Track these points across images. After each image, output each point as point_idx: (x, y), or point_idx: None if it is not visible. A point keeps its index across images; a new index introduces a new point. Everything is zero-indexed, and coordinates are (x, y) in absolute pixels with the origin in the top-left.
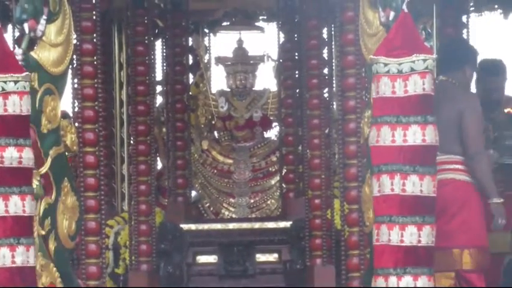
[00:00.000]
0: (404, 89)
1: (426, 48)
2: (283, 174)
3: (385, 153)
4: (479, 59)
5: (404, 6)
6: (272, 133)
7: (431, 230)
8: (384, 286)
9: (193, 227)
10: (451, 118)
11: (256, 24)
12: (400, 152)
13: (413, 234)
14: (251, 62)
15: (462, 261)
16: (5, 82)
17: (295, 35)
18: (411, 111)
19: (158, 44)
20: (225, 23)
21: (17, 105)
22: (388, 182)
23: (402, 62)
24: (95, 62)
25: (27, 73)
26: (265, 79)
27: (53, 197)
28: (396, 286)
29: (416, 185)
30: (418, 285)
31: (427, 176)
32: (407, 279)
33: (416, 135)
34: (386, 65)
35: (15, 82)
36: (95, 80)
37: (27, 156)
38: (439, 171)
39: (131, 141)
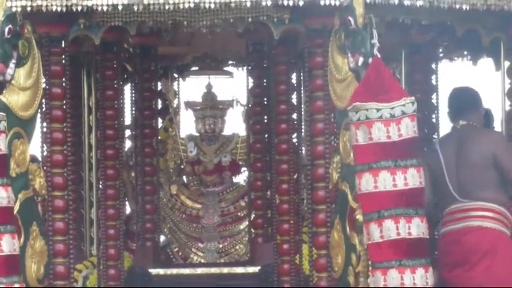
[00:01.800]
0: (398, 133)
1: (404, 91)
2: (251, 219)
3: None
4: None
5: (376, 52)
6: (241, 178)
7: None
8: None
9: (161, 271)
10: (480, 162)
11: (225, 69)
12: (402, 196)
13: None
14: (220, 106)
15: None
16: None
17: (265, 80)
18: (408, 154)
19: (128, 88)
20: (194, 68)
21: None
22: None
23: (394, 106)
24: (64, 106)
25: (2, 113)
26: (234, 124)
27: (21, 240)
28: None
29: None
30: (416, 278)
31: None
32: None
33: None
34: (378, 110)
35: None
36: (64, 124)
37: (6, 195)
38: (464, 218)
39: (100, 186)
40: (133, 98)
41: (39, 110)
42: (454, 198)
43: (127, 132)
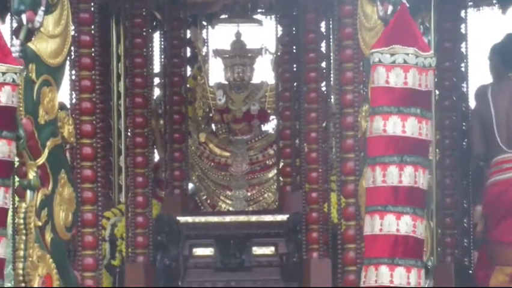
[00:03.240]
0: (425, 83)
1: (424, 44)
2: (280, 167)
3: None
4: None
5: (404, 0)
6: (269, 126)
7: (422, 222)
8: (375, 276)
9: (189, 219)
10: None
11: (254, 17)
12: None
13: (408, 225)
14: (249, 55)
15: None
16: (2, 73)
17: (294, 29)
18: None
19: (156, 37)
20: (223, 16)
21: (9, 97)
22: (381, 174)
23: (427, 57)
24: (92, 54)
25: (17, 66)
26: (263, 72)
27: (49, 188)
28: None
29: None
30: (411, 278)
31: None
32: (399, 271)
33: (414, 127)
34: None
35: (12, 73)
36: (93, 72)
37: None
38: (508, 169)
39: (129, 133)
40: (162, 46)
41: (68, 58)
42: (501, 149)
43: (156, 80)
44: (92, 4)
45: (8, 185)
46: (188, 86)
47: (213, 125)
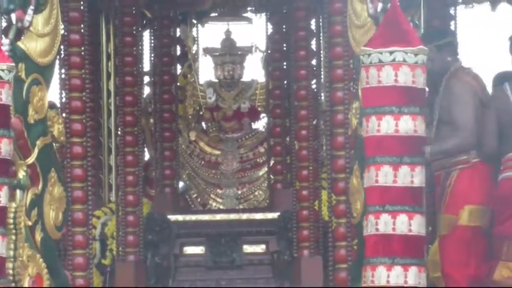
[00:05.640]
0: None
1: (418, 40)
2: (271, 165)
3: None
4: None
5: None
6: (260, 124)
7: (421, 219)
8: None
9: (180, 218)
10: None
11: (244, 15)
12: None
13: (404, 223)
14: (239, 52)
15: None
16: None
17: (284, 26)
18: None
19: (146, 35)
20: (213, 14)
21: (3, 95)
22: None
23: (408, 52)
24: (82, 53)
25: (10, 64)
26: (253, 70)
27: (39, 187)
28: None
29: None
30: (409, 276)
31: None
32: (397, 270)
33: (409, 124)
34: (391, 53)
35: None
36: (83, 71)
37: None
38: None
39: (119, 132)
40: (152, 45)
41: (57, 57)
42: None
43: (146, 79)
44: (82, 3)
45: (1, 182)
46: (178, 84)
47: (203, 123)
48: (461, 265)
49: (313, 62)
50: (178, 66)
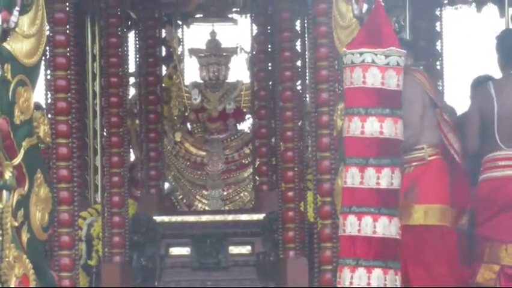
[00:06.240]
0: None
1: (396, 43)
2: (256, 166)
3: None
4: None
5: None
6: (245, 125)
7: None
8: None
9: (166, 219)
10: None
11: (229, 16)
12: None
13: (385, 227)
14: (224, 54)
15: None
16: None
17: (268, 27)
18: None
19: (131, 36)
20: (198, 15)
21: None
22: (359, 175)
23: (390, 55)
24: (68, 54)
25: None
26: (238, 71)
27: (26, 188)
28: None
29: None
30: (372, 278)
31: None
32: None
33: (391, 128)
34: (376, 55)
35: None
36: (68, 72)
37: None
38: (505, 167)
39: (104, 133)
40: (137, 46)
41: (43, 58)
42: (498, 146)
43: (131, 80)
44: (67, 4)
45: None
46: (163, 85)
47: (188, 124)
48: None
49: (298, 63)
50: (163, 67)
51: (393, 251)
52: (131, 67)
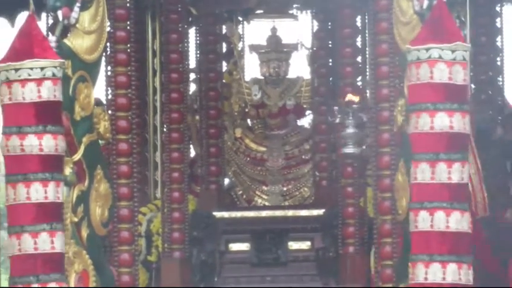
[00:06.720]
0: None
1: (461, 37)
2: (316, 162)
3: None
4: None
5: None
6: (305, 121)
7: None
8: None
9: (225, 214)
10: None
11: (290, 12)
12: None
13: (457, 221)
14: (285, 49)
15: None
16: (41, 68)
17: (329, 24)
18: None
19: (192, 32)
20: (258, 11)
21: (51, 91)
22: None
23: (456, 50)
24: (128, 50)
25: (60, 60)
26: (299, 67)
27: (86, 184)
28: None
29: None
30: (447, 273)
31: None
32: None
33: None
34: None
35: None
36: (129, 68)
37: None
38: None
39: (165, 129)
40: (198, 42)
41: (103, 54)
42: None
43: (192, 76)
44: (128, 0)
45: (58, 179)
46: (224, 81)
47: (248, 120)
48: None
49: (359, 59)
50: (224, 64)
51: (466, 246)
52: (192, 63)
